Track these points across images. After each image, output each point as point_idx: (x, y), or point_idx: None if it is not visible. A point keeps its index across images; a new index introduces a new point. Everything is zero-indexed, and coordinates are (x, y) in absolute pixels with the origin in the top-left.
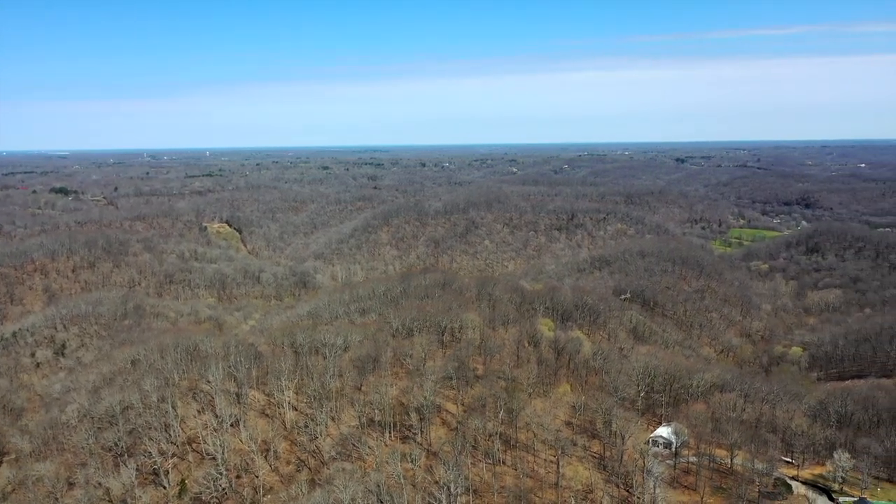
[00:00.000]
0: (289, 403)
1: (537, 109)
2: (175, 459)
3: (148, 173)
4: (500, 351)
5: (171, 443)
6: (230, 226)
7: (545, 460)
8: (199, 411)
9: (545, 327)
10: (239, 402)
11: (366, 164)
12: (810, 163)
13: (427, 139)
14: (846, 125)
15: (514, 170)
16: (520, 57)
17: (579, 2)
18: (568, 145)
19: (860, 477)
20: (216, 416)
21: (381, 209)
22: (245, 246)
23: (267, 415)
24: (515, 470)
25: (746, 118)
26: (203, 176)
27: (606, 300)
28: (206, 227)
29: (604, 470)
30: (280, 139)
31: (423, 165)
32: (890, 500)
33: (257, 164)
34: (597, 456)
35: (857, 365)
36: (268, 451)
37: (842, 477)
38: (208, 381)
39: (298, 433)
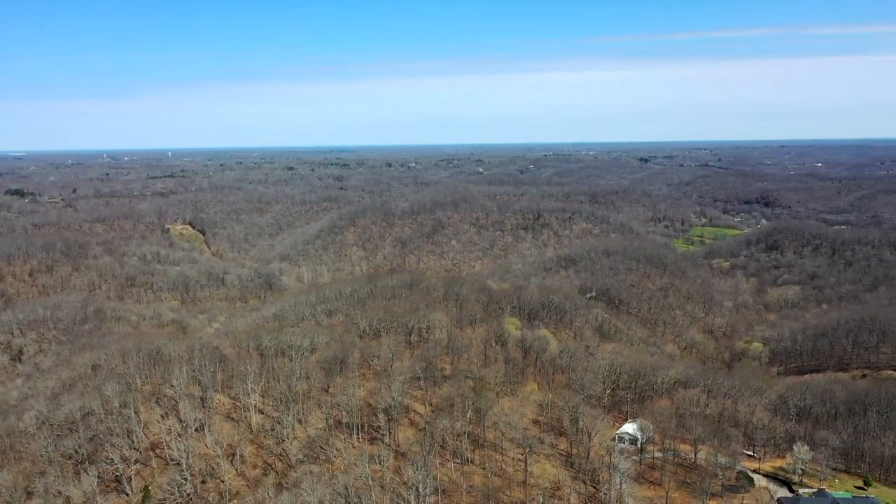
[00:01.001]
0: (255, 406)
1: (503, 110)
2: (138, 466)
3: (108, 174)
4: (467, 350)
5: (134, 449)
6: (193, 227)
7: (513, 459)
8: (162, 416)
9: (512, 326)
10: (204, 406)
11: (331, 164)
12: (769, 162)
13: (393, 139)
14: (804, 126)
15: (481, 170)
16: (486, 57)
17: (546, 3)
18: (533, 145)
19: (819, 469)
20: (180, 421)
21: (348, 210)
22: (209, 248)
23: (232, 418)
24: (484, 469)
25: (708, 118)
26: (165, 177)
27: (572, 299)
28: (168, 229)
29: (571, 467)
30: (244, 139)
31: (390, 166)
32: (847, 491)
33: (221, 165)
34: (564, 453)
35: (815, 359)
36: (234, 455)
37: (801, 469)
38: (172, 386)
39: (265, 436)
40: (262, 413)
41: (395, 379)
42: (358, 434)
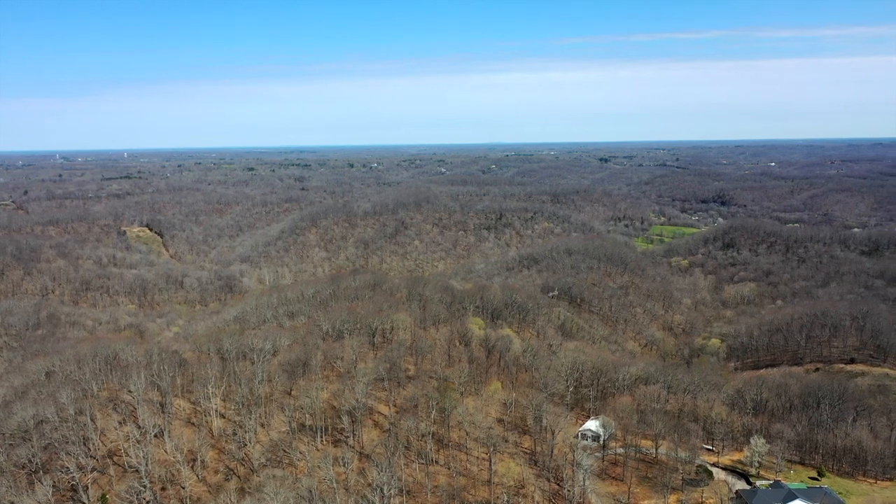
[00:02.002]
0: (216, 411)
1: (466, 110)
2: (95, 474)
3: (61, 176)
4: (431, 351)
5: (91, 457)
6: (151, 229)
7: (477, 458)
8: (120, 423)
9: (476, 326)
10: (163, 412)
11: (292, 164)
12: (725, 162)
13: (355, 140)
14: (758, 126)
15: (443, 170)
16: (448, 57)
17: (509, 3)
18: (495, 145)
19: (775, 461)
20: (139, 427)
21: (309, 210)
22: (167, 250)
23: (193, 423)
24: (448, 469)
25: (666, 119)
26: (121, 178)
27: (535, 298)
28: (125, 232)
29: (535, 465)
30: (202, 140)
31: (352, 166)
32: (802, 482)
33: (179, 166)
34: (528, 451)
35: (770, 354)
36: (194, 460)
37: (758, 462)
38: (130, 391)
39: (226, 441)
40: (224, 417)
41: (358, 380)
42: (321, 437)
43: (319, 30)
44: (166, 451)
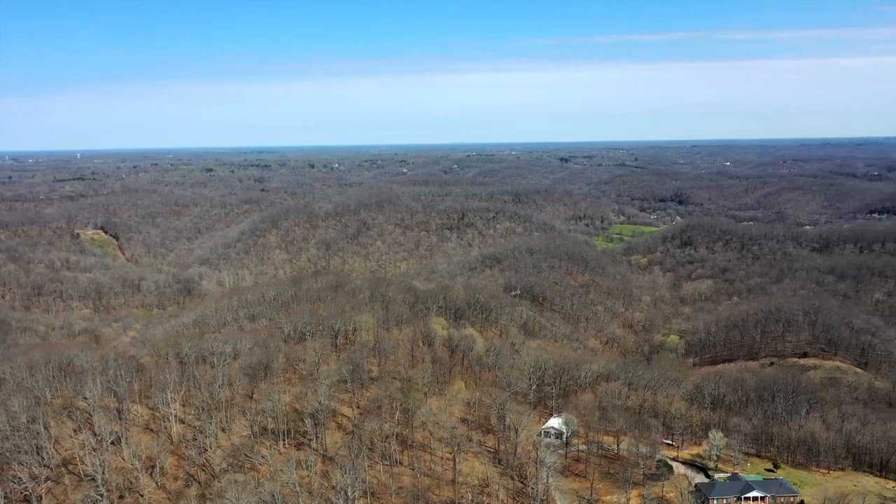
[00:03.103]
0: (175, 416)
1: (428, 110)
2: (49, 483)
3: (10, 177)
4: (394, 351)
5: (45, 466)
6: (106, 232)
7: (442, 458)
8: (75, 430)
9: (439, 326)
10: (120, 418)
11: (252, 165)
12: (682, 161)
13: (316, 140)
14: (714, 126)
15: (405, 170)
16: (410, 58)
17: (471, 4)
18: (457, 146)
19: (732, 454)
20: (95, 435)
21: (270, 212)
22: (123, 253)
23: (151, 429)
24: (413, 470)
25: (625, 119)
26: (74, 180)
27: (497, 297)
28: (78, 235)
29: (499, 463)
30: (159, 140)
31: (312, 167)
32: (758, 474)
33: (134, 167)
34: (492, 450)
35: (727, 349)
36: (153, 467)
37: (716, 455)
38: (85, 398)
39: (186, 447)
40: (183, 423)
41: (321, 382)
42: (284, 440)
43: (281, 29)
44: (124, 459)
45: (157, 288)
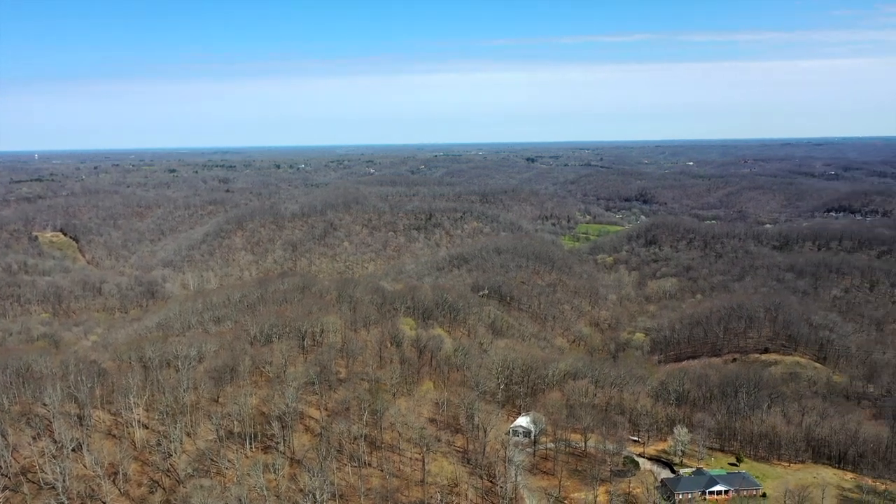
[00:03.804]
0: (138, 421)
1: (394, 111)
2: (7, 493)
3: None
4: (362, 353)
5: (2, 475)
6: (65, 234)
7: (411, 459)
8: (34, 438)
9: (407, 326)
10: (81, 425)
11: (216, 166)
12: (646, 161)
13: (282, 140)
14: (677, 126)
15: (372, 171)
16: (377, 58)
17: (438, 4)
18: (424, 146)
19: (697, 449)
20: (55, 442)
21: (235, 213)
22: (83, 256)
23: (114, 435)
24: (381, 471)
25: (591, 119)
26: (32, 181)
27: (465, 297)
28: (36, 237)
29: (468, 463)
30: (120, 141)
31: (278, 167)
32: (722, 468)
33: (95, 168)
34: (461, 450)
35: (691, 346)
36: (116, 474)
37: (682, 450)
38: (44, 404)
39: (150, 452)
40: (147, 428)
41: (288, 385)
42: (251, 443)
43: (246, 27)
44: (85, 466)
45: (119, 291)
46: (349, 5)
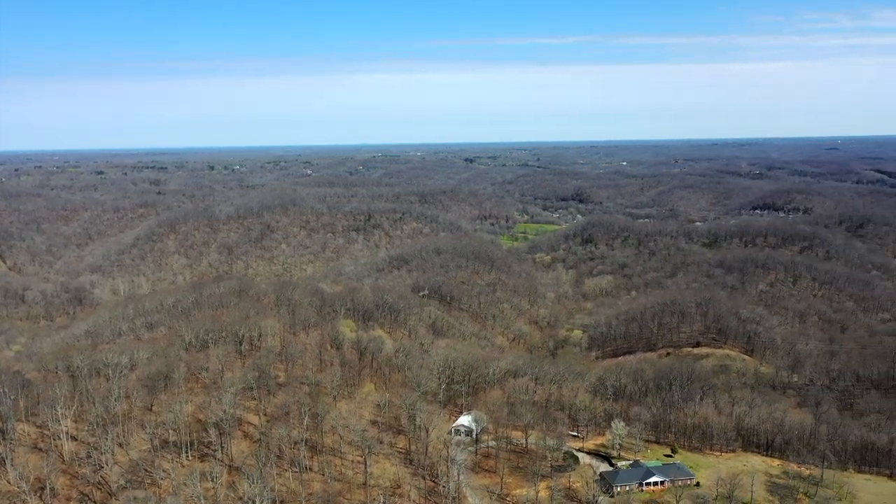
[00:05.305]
0: (66, 433)
1: (331, 111)
2: None
3: None
4: (302, 356)
5: None
6: None
7: (353, 461)
8: None
9: (347, 328)
10: (4, 438)
11: (147, 167)
12: (582, 161)
13: (215, 141)
14: (611, 127)
15: (309, 172)
16: (311, 57)
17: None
18: (362, 146)
19: (634, 442)
20: None
21: (167, 216)
22: (4, 262)
23: (40, 449)
24: (323, 475)
25: (528, 120)
26: None
27: (406, 298)
28: None
29: (410, 464)
30: (42, 142)
31: (212, 168)
32: (658, 460)
33: (16, 170)
34: (403, 451)
35: (627, 342)
36: (42, 488)
37: (619, 444)
38: None
39: (80, 465)
40: (76, 440)
41: (225, 391)
42: (187, 452)
43: (174, 24)
44: (9, 482)
45: (43, 298)
46: (288, 3)
